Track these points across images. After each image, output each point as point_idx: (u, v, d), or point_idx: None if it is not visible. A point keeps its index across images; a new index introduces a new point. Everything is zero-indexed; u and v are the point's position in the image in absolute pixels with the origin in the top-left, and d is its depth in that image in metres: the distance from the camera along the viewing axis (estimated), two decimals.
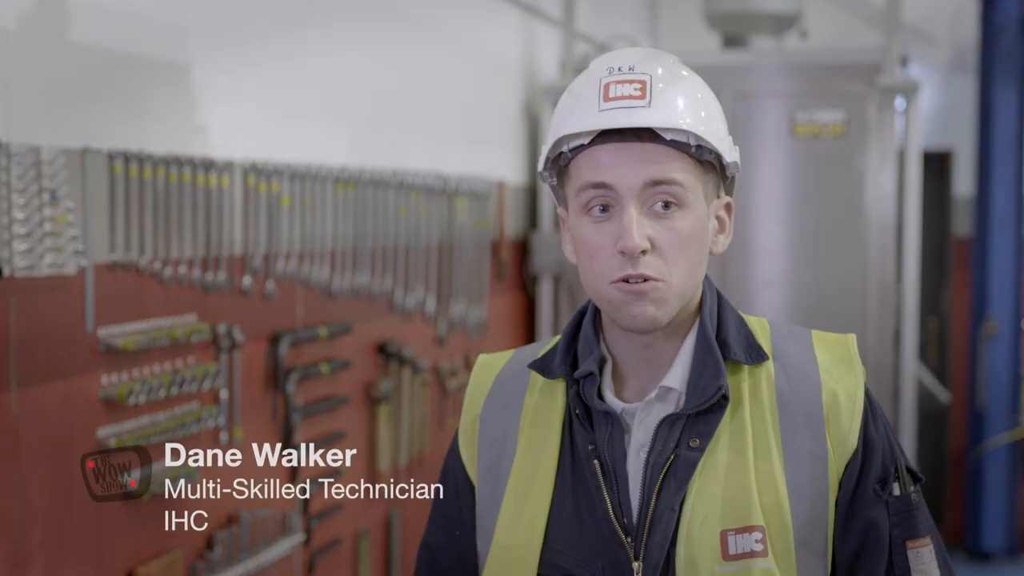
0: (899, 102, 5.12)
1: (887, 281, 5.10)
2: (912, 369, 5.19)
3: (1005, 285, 6.55)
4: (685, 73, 1.59)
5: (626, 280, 1.52)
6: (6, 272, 2.42)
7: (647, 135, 1.52)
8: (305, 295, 3.60)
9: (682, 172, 1.53)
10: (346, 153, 3.88)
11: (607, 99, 1.53)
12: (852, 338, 1.64)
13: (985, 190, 6.54)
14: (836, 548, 1.58)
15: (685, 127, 1.52)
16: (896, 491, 1.59)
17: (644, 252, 1.51)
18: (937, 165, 6.94)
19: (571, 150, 1.56)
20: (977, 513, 6.58)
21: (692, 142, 1.53)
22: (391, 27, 4.21)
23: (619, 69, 1.55)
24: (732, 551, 1.52)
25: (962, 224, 6.94)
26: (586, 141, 1.55)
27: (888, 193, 5.10)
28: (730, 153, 1.59)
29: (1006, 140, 6.48)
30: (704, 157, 1.55)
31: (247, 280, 3.29)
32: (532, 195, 5.58)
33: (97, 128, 2.71)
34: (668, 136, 1.52)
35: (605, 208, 1.54)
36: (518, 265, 5.41)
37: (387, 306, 4.14)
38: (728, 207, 1.63)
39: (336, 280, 3.76)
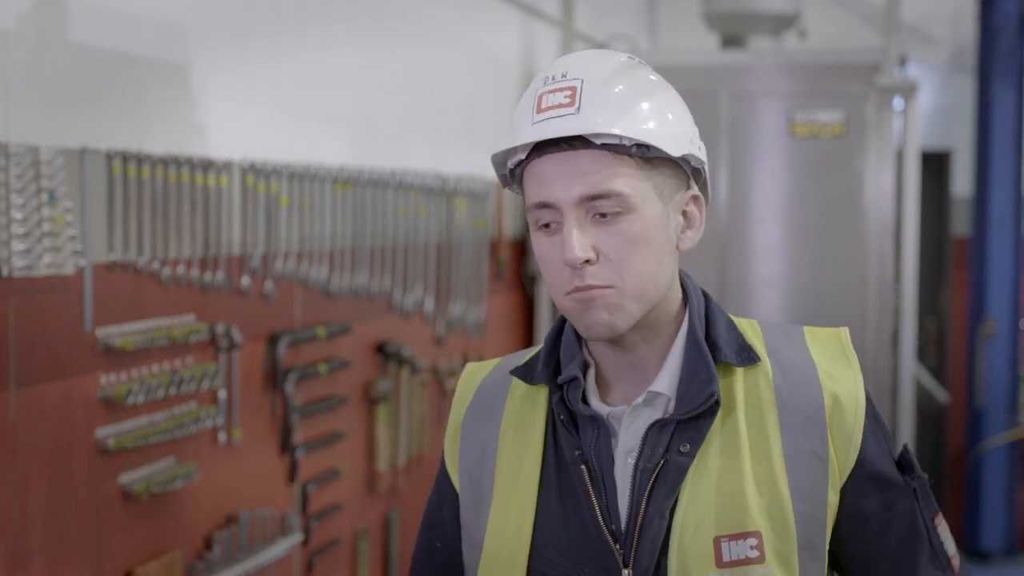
0: (898, 102, 5.11)
1: (886, 281, 5.10)
2: (911, 369, 5.19)
3: (1004, 285, 6.55)
4: (631, 70, 1.52)
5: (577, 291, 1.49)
6: (5, 272, 2.41)
7: (580, 142, 1.47)
8: (304, 295, 3.60)
9: (622, 178, 1.47)
10: (345, 153, 3.88)
11: (539, 110, 1.49)
12: (845, 331, 1.60)
13: (984, 190, 6.54)
14: (863, 550, 1.55)
15: (616, 130, 1.45)
16: (917, 472, 1.58)
17: (588, 262, 1.47)
18: (936, 165, 6.94)
19: (516, 165, 1.54)
20: (976, 513, 6.58)
21: (627, 143, 1.47)
22: (390, 27, 4.21)
23: (552, 78, 1.51)
24: (726, 558, 1.48)
25: (961, 224, 6.95)
26: (523, 156, 1.52)
27: (887, 193, 5.09)
28: (679, 148, 1.50)
29: (1005, 140, 6.49)
30: (652, 155, 1.48)
31: (246, 280, 3.28)
32: None
33: (96, 128, 2.71)
34: (599, 141, 1.46)
35: (550, 224, 1.50)
36: (516, 265, 5.41)
37: (386, 306, 4.13)
38: (696, 200, 1.57)
39: (335, 280, 3.76)
